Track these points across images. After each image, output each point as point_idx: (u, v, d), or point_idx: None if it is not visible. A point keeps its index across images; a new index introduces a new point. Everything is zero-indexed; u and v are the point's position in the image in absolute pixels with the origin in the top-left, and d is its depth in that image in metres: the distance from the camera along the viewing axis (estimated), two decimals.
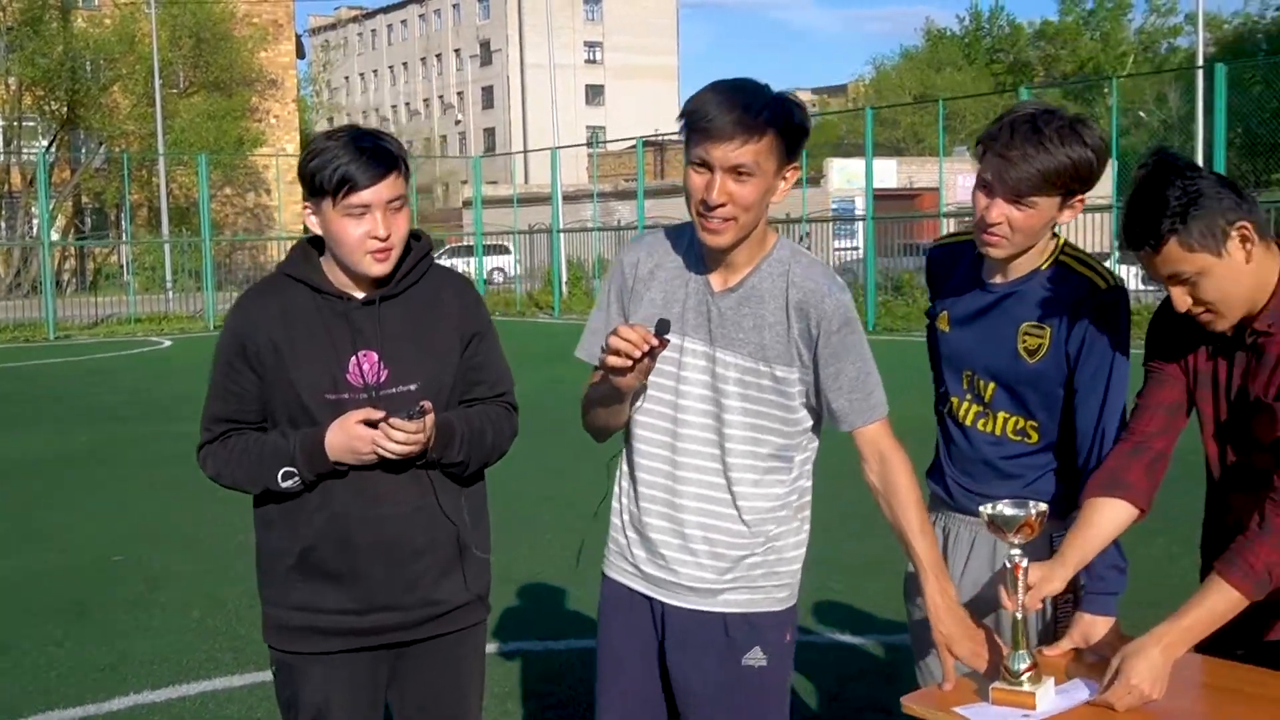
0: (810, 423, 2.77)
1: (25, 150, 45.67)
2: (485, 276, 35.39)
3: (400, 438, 2.73)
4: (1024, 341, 2.87)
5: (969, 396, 2.98)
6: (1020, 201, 2.74)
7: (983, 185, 2.78)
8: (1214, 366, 2.72)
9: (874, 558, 6.71)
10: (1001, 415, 2.94)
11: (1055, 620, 2.92)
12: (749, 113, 2.49)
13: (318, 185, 2.76)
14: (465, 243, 38.63)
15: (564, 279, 32.41)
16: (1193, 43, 40.98)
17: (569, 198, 39.09)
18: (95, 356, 22.40)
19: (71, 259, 43.63)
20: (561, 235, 32.65)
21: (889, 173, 37.82)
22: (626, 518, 2.84)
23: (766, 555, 2.75)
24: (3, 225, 47.06)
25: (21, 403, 15.51)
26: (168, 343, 25.72)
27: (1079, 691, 2.55)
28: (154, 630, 6.16)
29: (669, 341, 2.53)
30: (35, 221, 35.61)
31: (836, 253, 32.86)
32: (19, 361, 21.49)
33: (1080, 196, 2.79)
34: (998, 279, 2.92)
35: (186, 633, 6.10)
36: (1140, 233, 2.52)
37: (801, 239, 28.96)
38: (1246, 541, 2.50)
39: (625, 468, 2.84)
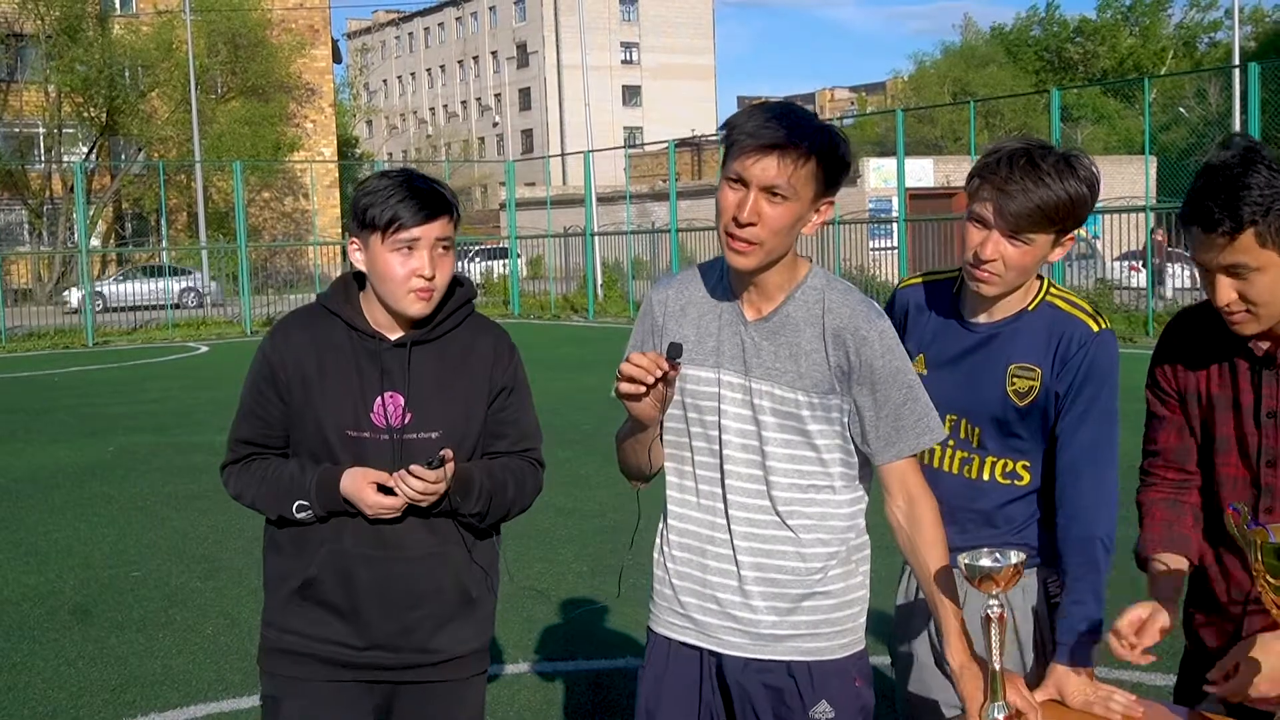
0: (860, 456, 2.64)
1: (65, 157, 46.19)
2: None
3: (419, 485, 2.70)
4: (1013, 384, 2.75)
5: (952, 441, 2.83)
6: (1017, 237, 2.64)
7: (977, 220, 2.67)
8: (1234, 390, 2.61)
9: None
10: (990, 459, 2.81)
11: (1035, 667, 2.80)
12: (794, 135, 2.40)
13: (369, 220, 2.77)
14: (502, 244, 38.54)
15: (599, 282, 32.43)
16: (1232, 37, 40.48)
17: (605, 199, 39.07)
18: (130, 364, 22.57)
19: (112, 264, 44.07)
20: (596, 238, 32.65)
21: (925, 172, 37.43)
22: (672, 566, 2.71)
23: (825, 599, 2.62)
24: (44, 232, 47.59)
25: (52, 411, 15.60)
26: (204, 348, 25.87)
27: None
28: (166, 650, 6.15)
29: (680, 366, 2.44)
30: (76, 228, 35.96)
31: (872, 253, 32.70)
32: (55, 369, 21.67)
33: (1071, 235, 2.70)
34: (982, 318, 2.80)
35: (198, 652, 6.08)
36: (1218, 215, 2.38)
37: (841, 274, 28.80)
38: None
39: (670, 508, 2.72)
